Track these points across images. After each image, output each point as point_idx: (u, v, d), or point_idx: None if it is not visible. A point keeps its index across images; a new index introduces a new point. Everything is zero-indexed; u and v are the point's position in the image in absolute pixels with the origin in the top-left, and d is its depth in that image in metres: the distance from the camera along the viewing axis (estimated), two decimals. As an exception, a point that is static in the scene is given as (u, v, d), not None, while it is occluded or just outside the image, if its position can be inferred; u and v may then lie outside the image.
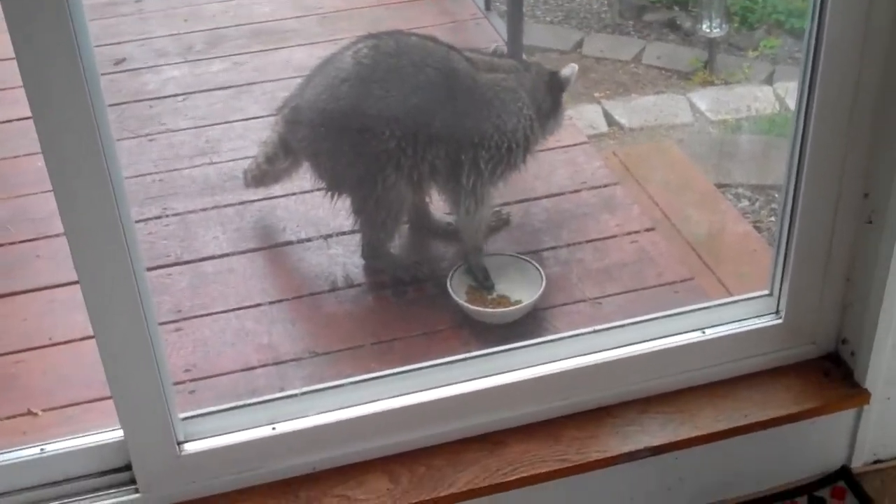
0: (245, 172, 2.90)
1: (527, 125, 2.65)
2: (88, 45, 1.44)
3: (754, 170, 3.91)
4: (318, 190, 2.77)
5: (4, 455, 1.77)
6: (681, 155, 3.79)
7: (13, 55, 1.40)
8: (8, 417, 2.33)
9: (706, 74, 4.49)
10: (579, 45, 4.69)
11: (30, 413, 2.33)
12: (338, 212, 2.72)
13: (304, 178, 2.81)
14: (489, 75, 2.66)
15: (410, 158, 2.56)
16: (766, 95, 4.35)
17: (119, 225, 1.56)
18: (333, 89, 2.61)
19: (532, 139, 2.69)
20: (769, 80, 4.42)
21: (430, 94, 2.60)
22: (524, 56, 2.86)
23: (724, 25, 4.49)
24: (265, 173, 2.83)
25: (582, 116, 4.09)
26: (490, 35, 3.79)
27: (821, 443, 2.08)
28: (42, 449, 1.77)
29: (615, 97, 4.38)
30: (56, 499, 1.78)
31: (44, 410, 2.34)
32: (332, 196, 2.70)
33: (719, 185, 3.62)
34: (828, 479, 2.11)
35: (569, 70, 2.73)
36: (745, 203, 3.67)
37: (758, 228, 3.42)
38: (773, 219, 3.44)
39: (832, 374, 2.03)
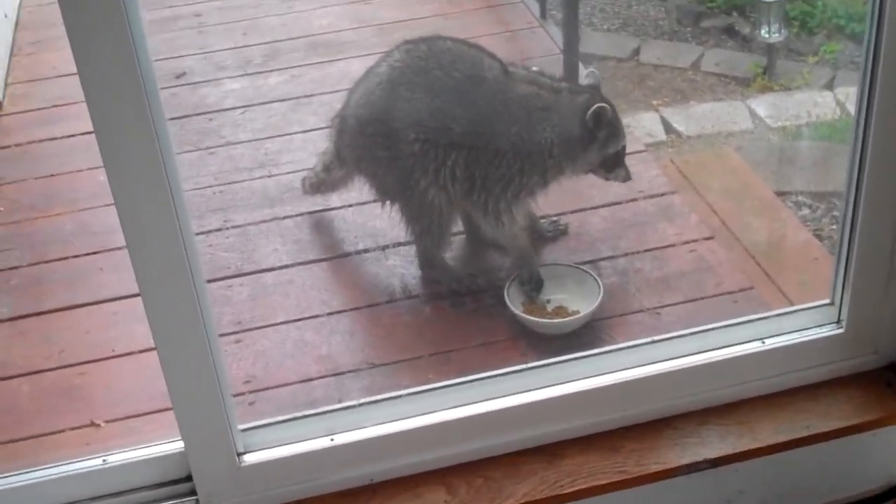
0: (303, 180, 2.97)
1: (546, 149, 2.53)
2: (148, 60, 1.46)
3: (815, 177, 3.87)
4: (374, 201, 2.79)
5: (68, 466, 1.80)
6: (740, 162, 3.75)
7: (76, 71, 1.43)
8: (72, 429, 2.36)
9: (765, 80, 4.44)
10: (636, 52, 4.67)
11: (93, 424, 2.36)
12: (395, 223, 2.73)
13: (361, 189, 2.82)
14: (524, 88, 2.56)
15: (433, 162, 2.54)
16: (826, 101, 4.30)
17: (179, 237, 1.58)
18: (369, 95, 2.63)
19: (552, 166, 2.55)
20: (829, 86, 4.37)
21: (453, 99, 2.55)
22: (587, 72, 2.74)
23: (783, 31, 4.45)
24: (322, 181, 2.89)
25: (639, 125, 4.07)
26: (546, 44, 3.79)
27: (883, 455, 2.05)
28: (104, 460, 1.80)
29: (673, 104, 4.36)
30: (118, 509, 1.81)
31: (106, 422, 2.37)
32: (383, 205, 2.71)
33: (779, 193, 3.58)
34: (891, 492, 2.08)
35: (594, 109, 2.48)
36: (806, 211, 3.63)
37: (818, 237, 3.38)
38: (834, 227, 3.40)
39: (895, 384, 2.01)
